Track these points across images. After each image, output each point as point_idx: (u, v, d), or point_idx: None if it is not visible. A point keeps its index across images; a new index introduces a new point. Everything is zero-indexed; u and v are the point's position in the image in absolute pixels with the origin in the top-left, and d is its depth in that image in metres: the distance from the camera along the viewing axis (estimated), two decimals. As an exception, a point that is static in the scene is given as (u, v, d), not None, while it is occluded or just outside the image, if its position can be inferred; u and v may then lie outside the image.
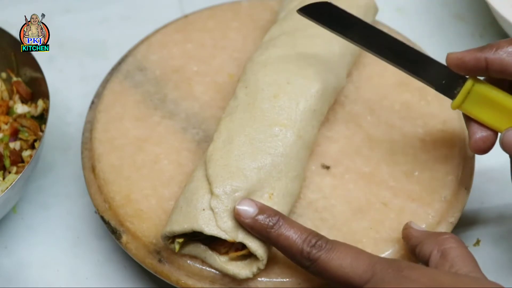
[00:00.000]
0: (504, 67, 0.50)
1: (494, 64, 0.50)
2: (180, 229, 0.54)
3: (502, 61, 0.49)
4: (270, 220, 0.52)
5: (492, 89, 0.53)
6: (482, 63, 0.51)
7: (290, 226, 0.52)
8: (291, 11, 0.69)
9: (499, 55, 0.50)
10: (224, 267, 0.55)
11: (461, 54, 0.52)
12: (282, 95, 0.61)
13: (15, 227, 0.67)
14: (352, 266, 0.49)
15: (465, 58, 0.51)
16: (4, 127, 0.68)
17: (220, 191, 0.55)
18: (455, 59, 0.52)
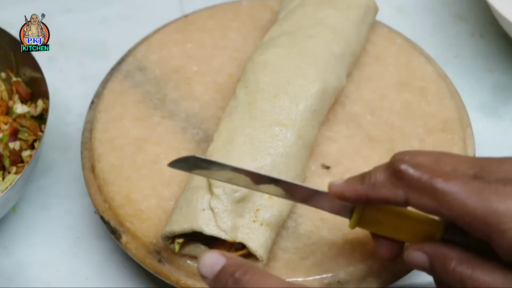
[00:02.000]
0: (385, 202, 0.48)
1: (375, 200, 0.49)
2: (180, 229, 0.54)
3: (382, 197, 0.48)
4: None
5: (381, 210, 0.51)
6: (362, 198, 0.49)
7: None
8: (291, 11, 0.69)
9: (378, 191, 0.48)
10: None
11: (341, 188, 0.50)
12: (282, 95, 0.61)
13: (15, 227, 0.67)
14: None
15: (345, 193, 0.50)
16: (4, 127, 0.68)
17: (220, 191, 0.55)
18: (336, 192, 0.50)
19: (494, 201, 0.44)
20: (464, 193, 0.45)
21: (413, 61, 0.70)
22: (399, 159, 0.49)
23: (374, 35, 0.72)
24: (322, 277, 0.56)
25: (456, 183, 0.45)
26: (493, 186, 0.45)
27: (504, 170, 0.46)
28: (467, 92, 0.73)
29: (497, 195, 0.44)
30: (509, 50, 0.79)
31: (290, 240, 0.58)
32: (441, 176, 0.46)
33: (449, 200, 0.45)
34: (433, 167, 0.48)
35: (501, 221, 0.44)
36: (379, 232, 0.52)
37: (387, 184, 0.48)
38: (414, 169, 0.46)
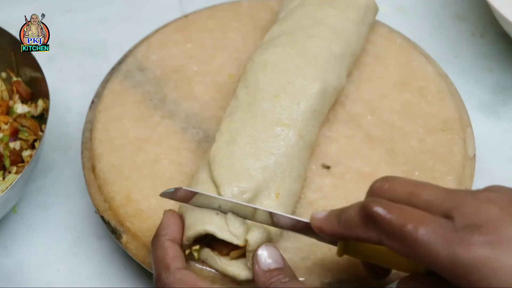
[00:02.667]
0: (361, 241, 0.49)
1: (351, 239, 0.50)
2: (193, 233, 0.54)
3: (357, 237, 0.48)
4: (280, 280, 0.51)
5: (364, 243, 0.51)
6: (339, 236, 0.50)
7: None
8: (291, 11, 0.69)
9: (353, 232, 0.48)
10: (225, 268, 0.55)
11: (321, 223, 0.51)
12: (283, 95, 0.61)
13: (15, 227, 0.67)
14: None
15: (324, 229, 0.50)
16: (4, 127, 0.68)
17: (228, 193, 0.55)
18: (315, 226, 0.51)
19: (461, 252, 0.43)
20: (433, 241, 0.44)
21: (413, 61, 0.70)
22: (372, 200, 0.48)
23: (374, 35, 0.72)
24: (322, 277, 0.56)
25: (426, 230, 0.44)
26: (460, 234, 0.44)
27: (475, 211, 0.45)
28: (467, 92, 0.73)
29: (464, 245, 0.43)
30: (509, 50, 0.79)
31: (290, 240, 0.58)
32: (411, 222, 0.45)
33: (418, 249, 0.45)
34: (407, 204, 0.47)
35: (468, 272, 0.43)
36: (366, 259, 0.52)
37: (361, 226, 0.48)
38: (386, 212, 0.46)
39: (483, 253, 0.43)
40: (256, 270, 0.52)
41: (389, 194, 0.48)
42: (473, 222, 0.44)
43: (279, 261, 0.52)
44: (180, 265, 0.52)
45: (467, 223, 0.44)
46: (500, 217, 0.44)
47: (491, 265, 0.42)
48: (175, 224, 0.55)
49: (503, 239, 0.43)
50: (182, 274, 0.51)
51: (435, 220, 0.45)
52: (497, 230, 0.43)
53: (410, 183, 0.49)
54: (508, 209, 0.45)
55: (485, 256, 0.43)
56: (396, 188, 0.48)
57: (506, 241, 0.43)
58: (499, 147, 0.72)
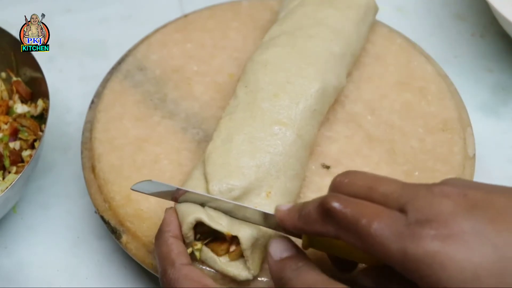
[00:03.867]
0: (320, 236, 0.49)
1: (310, 234, 0.50)
2: (187, 226, 0.54)
3: (316, 232, 0.49)
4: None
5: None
6: (299, 230, 0.50)
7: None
8: (291, 11, 0.69)
9: (312, 226, 0.49)
10: (225, 268, 0.55)
11: (283, 216, 0.51)
12: (282, 94, 0.61)
13: (15, 227, 0.67)
14: None
15: (285, 222, 0.51)
16: (4, 127, 0.68)
17: (215, 189, 0.55)
18: (279, 218, 0.51)
19: (411, 246, 0.43)
20: (385, 236, 0.44)
21: (413, 61, 0.70)
22: (330, 195, 0.48)
23: (374, 35, 0.72)
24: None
25: (379, 224, 0.45)
26: (412, 229, 0.44)
27: (427, 205, 0.45)
28: (467, 92, 0.73)
29: (414, 239, 0.43)
30: (509, 50, 0.79)
31: (290, 240, 0.58)
32: (365, 216, 0.45)
33: (372, 243, 0.45)
34: (365, 198, 0.47)
35: (419, 267, 0.43)
36: (330, 252, 0.53)
37: (319, 221, 0.48)
38: (342, 207, 0.46)
39: (432, 248, 0.43)
40: (269, 262, 0.52)
41: (348, 189, 0.49)
42: (425, 216, 0.44)
43: (290, 249, 0.52)
44: (185, 261, 0.52)
45: (419, 217, 0.44)
46: (452, 212, 0.44)
47: (440, 260, 0.42)
48: (177, 221, 0.55)
49: (453, 234, 0.43)
50: (188, 270, 0.51)
51: (389, 214, 0.45)
52: (448, 224, 0.43)
53: (370, 177, 0.49)
54: (460, 203, 0.44)
55: (434, 251, 0.43)
56: (355, 183, 0.49)
57: (456, 236, 0.43)
58: (499, 147, 0.72)
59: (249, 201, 0.56)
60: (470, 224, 0.43)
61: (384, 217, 0.45)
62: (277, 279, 0.50)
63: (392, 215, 0.45)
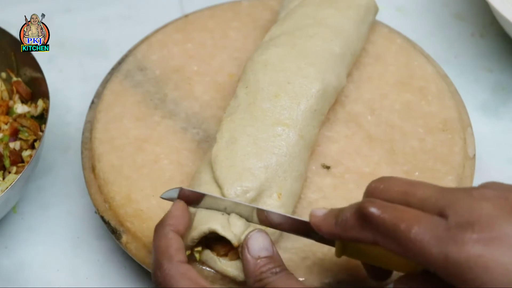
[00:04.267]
0: (358, 242, 0.49)
1: (347, 240, 0.50)
2: (198, 234, 0.54)
3: (353, 238, 0.49)
4: (272, 270, 0.51)
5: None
6: (336, 236, 0.50)
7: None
8: (292, 11, 0.69)
9: (349, 233, 0.49)
10: (225, 269, 0.55)
11: (319, 222, 0.51)
12: (283, 94, 0.61)
13: (15, 227, 0.67)
14: None
15: (322, 228, 0.51)
16: (4, 127, 0.68)
17: (231, 193, 0.55)
18: (314, 224, 0.51)
19: (453, 251, 0.43)
20: (426, 240, 0.44)
21: (413, 61, 0.70)
22: (367, 200, 0.48)
23: (374, 35, 0.72)
24: (322, 277, 0.56)
25: (419, 229, 0.44)
26: (453, 233, 0.43)
27: (468, 209, 0.44)
28: (467, 92, 0.73)
29: (456, 243, 0.43)
30: (509, 50, 0.79)
31: (290, 240, 0.58)
32: (404, 221, 0.45)
33: (412, 248, 0.45)
34: (402, 203, 0.47)
35: (461, 271, 0.43)
36: (364, 260, 0.52)
37: (357, 227, 0.48)
38: (380, 212, 0.46)
39: (475, 251, 0.43)
40: (246, 256, 0.52)
41: (384, 195, 0.48)
42: (466, 220, 0.44)
43: (270, 248, 0.52)
44: (183, 258, 0.52)
45: (460, 221, 0.44)
46: (493, 215, 0.44)
47: (483, 263, 0.42)
48: (183, 216, 0.54)
49: (496, 237, 0.43)
50: (185, 268, 0.51)
51: (429, 218, 0.45)
52: (490, 227, 0.43)
53: (405, 183, 0.49)
54: (502, 206, 0.44)
55: (477, 254, 0.42)
56: (391, 188, 0.49)
57: (499, 239, 0.43)
58: (499, 147, 0.72)
59: (263, 202, 0.56)
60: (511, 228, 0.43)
61: (424, 222, 0.45)
62: (254, 277, 0.51)
63: (432, 220, 0.45)
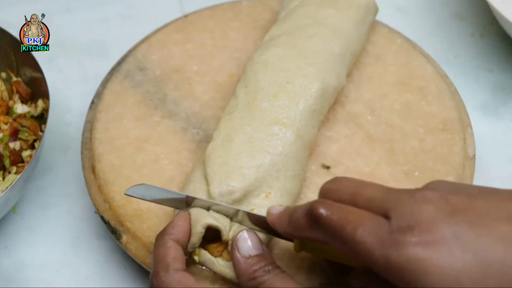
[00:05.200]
0: (310, 240, 0.50)
1: (300, 239, 0.51)
2: (196, 237, 0.54)
3: (305, 237, 0.50)
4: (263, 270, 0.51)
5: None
6: (289, 235, 0.51)
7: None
8: (292, 11, 0.69)
9: (300, 232, 0.50)
10: (223, 270, 0.55)
11: (274, 219, 0.52)
12: (282, 94, 0.61)
13: (15, 227, 0.67)
14: None
15: (276, 226, 0.52)
16: (4, 127, 0.68)
17: (216, 192, 0.55)
18: (270, 221, 0.52)
19: (394, 254, 0.43)
20: (369, 243, 0.44)
21: (413, 61, 0.70)
22: (317, 201, 0.48)
23: (374, 35, 0.72)
24: (322, 277, 0.56)
25: (363, 231, 0.45)
26: (394, 236, 0.44)
27: (409, 212, 0.45)
28: (467, 92, 0.73)
29: (397, 246, 0.43)
30: (509, 50, 0.79)
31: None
32: (350, 222, 0.45)
33: (357, 249, 0.45)
34: (351, 204, 0.47)
35: (402, 274, 0.43)
36: (322, 256, 0.53)
37: (307, 227, 0.48)
38: (328, 213, 0.47)
39: (415, 254, 0.43)
40: (236, 256, 0.52)
41: (335, 195, 0.49)
42: (407, 223, 0.44)
43: (259, 247, 0.52)
44: (180, 266, 0.52)
45: (401, 224, 0.44)
46: (433, 217, 0.44)
47: (423, 266, 0.42)
48: (184, 226, 0.54)
49: (436, 240, 0.43)
50: (180, 276, 0.51)
51: (373, 220, 0.45)
52: (430, 230, 0.43)
53: (355, 183, 0.49)
54: (442, 208, 0.44)
55: (417, 257, 0.43)
56: (342, 189, 0.49)
57: (438, 242, 0.43)
58: (499, 147, 0.72)
59: (248, 202, 0.56)
60: (451, 229, 0.43)
61: (368, 224, 0.45)
62: (246, 277, 0.51)
63: (376, 222, 0.45)
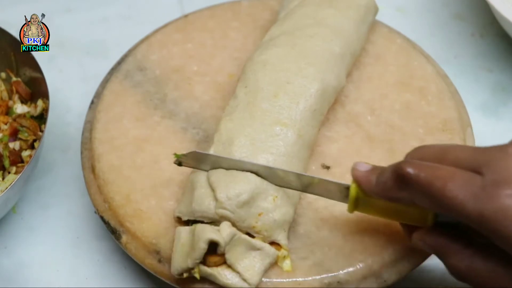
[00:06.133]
0: (395, 201, 0.52)
1: (386, 199, 0.52)
2: (199, 253, 0.53)
3: (391, 198, 0.51)
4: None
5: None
6: (374, 194, 0.52)
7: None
8: (291, 11, 0.69)
9: (387, 193, 0.51)
10: (225, 282, 0.54)
11: (360, 178, 0.53)
12: (282, 94, 0.61)
13: (15, 227, 0.67)
14: None
15: (362, 184, 0.53)
16: (4, 127, 0.68)
17: (223, 196, 0.55)
18: (355, 178, 0.53)
19: (487, 207, 0.45)
20: (461, 196, 0.46)
21: (413, 61, 0.70)
22: (404, 161, 0.50)
23: (374, 35, 0.72)
24: (322, 277, 0.56)
25: (453, 186, 0.46)
26: (488, 189, 0.45)
27: (504, 167, 0.46)
28: (467, 92, 0.73)
29: (491, 199, 0.45)
30: (509, 50, 0.79)
31: (290, 240, 0.58)
32: (440, 178, 0.47)
33: (447, 204, 0.46)
34: (436, 162, 0.49)
35: (495, 224, 0.44)
36: (376, 215, 0.54)
37: (395, 187, 0.50)
38: (416, 171, 0.48)
39: (509, 204, 0.44)
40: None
41: (421, 156, 0.50)
42: (502, 177, 0.45)
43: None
44: None
45: (496, 178, 0.45)
46: None
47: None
48: None
49: None
50: None
51: (463, 175, 0.47)
52: None
53: (441, 145, 0.51)
54: None
55: (510, 206, 0.44)
56: (427, 151, 0.51)
57: None
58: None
59: (256, 206, 0.56)
60: None
61: (458, 178, 0.46)
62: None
63: (467, 176, 0.46)
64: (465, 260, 0.48)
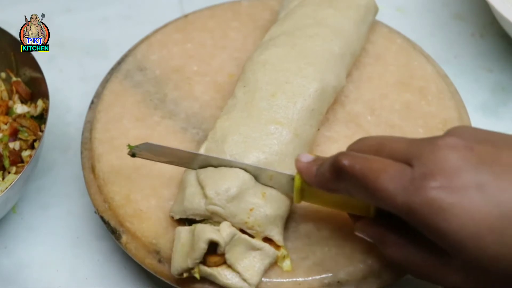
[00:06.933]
0: (333, 192, 0.52)
1: (324, 190, 0.53)
2: (199, 253, 0.53)
3: (328, 189, 0.52)
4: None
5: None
6: (315, 186, 0.53)
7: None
8: (291, 11, 0.69)
9: (325, 184, 0.52)
10: (225, 282, 0.54)
11: (302, 168, 0.54)
12: (280, 94, 0.61)
13: (15, 227, 0.67)
14: None
15: (303, 175, 0.54)
16: (4, 127, 0.68)
17: (212, 192, 0.55)
18: (297, 168, 0.54)
19: (415, 199, 0.45)
20: (391, 189, 0.46)
21: (413, 61, 0.70)
22: (340, 153, 0.51)
23: (374, 35, 0.72)
24: (322, 277, 0.56)
25: (385, 178, 0.47)
26: (416, 182, 0.45)
27: (432, 159, 0.46)
28: (467, 92, 0.73)
29: (418, 192, 0.45)
30: (509, 50, 0.79)
31: (290, 240, 0.58)
32: (372, 170, 0.47)
33: (379, 196, 0.47)
34: (374, 154, 0.49)
35: (422, 218, 0.45)
36: (322, 205, 0.56)
37: (332, 179, 0.50)
38: (351, 163, 0.49)
39: (436, 198, 0.44)
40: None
41: (359, 148, 0.51)
42: (430, 169, 0.45)
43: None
44: None
45: (424, 170, 0.46)
46: (457, 166, 0.45)
47: (443, 210, 0.44)
48: None
49: (458, 187, 0.44)
50: None
51: (395, 167, 0.47)
52: (453, 177, 0.45)
53: (379, 137, 0.52)
54: (467, 157, 0.45)
55: (438, 201, 0.44)
56: (367, 142, 0.51)
57: (461, 189, 0.44)
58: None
59: (245, 201, 0.56)
60: (475, 179, 0.44)
61: (390, 170, 0.47)
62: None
63: (398, 168, 0.47)
64: (400, 249, 0.49)
